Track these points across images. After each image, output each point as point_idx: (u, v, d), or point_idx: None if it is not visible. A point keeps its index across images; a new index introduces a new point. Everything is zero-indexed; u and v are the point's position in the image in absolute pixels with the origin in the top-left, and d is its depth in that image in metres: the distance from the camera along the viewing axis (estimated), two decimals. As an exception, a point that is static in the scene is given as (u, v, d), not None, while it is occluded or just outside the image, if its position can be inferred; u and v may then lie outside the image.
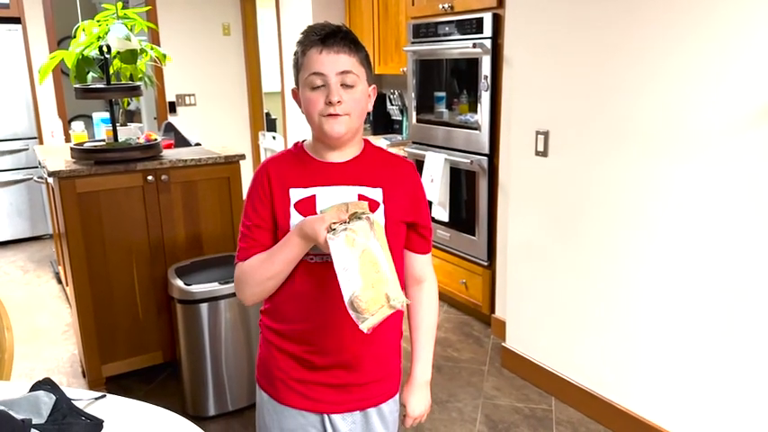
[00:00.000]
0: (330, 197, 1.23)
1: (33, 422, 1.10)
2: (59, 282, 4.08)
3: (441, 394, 2.66)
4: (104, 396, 1.30)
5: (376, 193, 1.26)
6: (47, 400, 1.17)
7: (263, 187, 1.26)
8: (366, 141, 1.32)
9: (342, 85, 1.18)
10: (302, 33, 1.22)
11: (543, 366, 2.67)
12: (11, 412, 1.08)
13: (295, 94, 1.26)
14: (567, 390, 2.55)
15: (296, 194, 1.24)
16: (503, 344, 2.89)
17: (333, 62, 1.17)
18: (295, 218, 1.23)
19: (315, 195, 1.23)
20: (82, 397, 1.27)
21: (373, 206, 1.24)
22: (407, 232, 1.33)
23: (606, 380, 2.40)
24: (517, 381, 2.76)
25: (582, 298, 2.44)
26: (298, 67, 1.23)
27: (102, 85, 2.62)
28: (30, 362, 3.03)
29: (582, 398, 2.49)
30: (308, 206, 1.23)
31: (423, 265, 1.39)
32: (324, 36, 1.18)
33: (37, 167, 4.64)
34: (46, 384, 1.23)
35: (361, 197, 1.24)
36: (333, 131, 1.20)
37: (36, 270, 4.45)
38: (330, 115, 1.19)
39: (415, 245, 1.36)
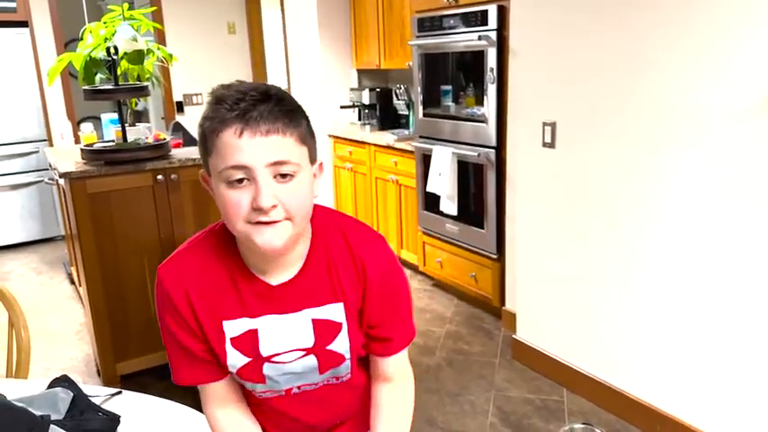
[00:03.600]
0: (274, 329, 0.98)
1: (52, 418, 1.12)
2: (72, 282, 4.12)
3: (452, 387, 2.67)
4: (120, 393, 1.32)
5: (335, 312, 0.99)
6: (64, 396, 1.19)
7: (186, 318, 0.97)
8: (313, 218, 0.97)
9: (276, 176, 0.86)
10: (210, 97, 0.88)
11: (554, 357, 2.67)
12: (30, 409, 1.10)
13: (205, 179, 0.94)
14: (579, 380, 2.56)
15: (231, 329, 0.97)
16: (513, 336, 2.90)
17: (260, 149, 0.84)
18: (233, 357, 0.99)
19: (257, 330, 0.97)
20: (98, 394, 1.29)
21: (334, 330, 1.00)
22: (372, 336, 1.06)
23: (617, 369, 2.40)
24: (528, 372, 2.77)
25: (591, 288, 2.44)
26: (205, 145, 0.89)
27: (111, 86, 2.64)
28: (45, 362, 3.06)
29: (593, 388, 2.50)
30: (248, 343, 0.98)
31: (389, 366, 1.10)
32: (244, 109, 0.84)
33: (47, 169, 4.68)
34: (63, 381, 1.26)
35: (315, 322, 0.98)
36: (267, 245, 0.88)
37: (49, 271, 4.49)
38: (260, 223, 0.87)
39: (377, 347, 1.07)
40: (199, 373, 1.04)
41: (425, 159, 3.55)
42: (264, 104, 0.85)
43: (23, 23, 4.94)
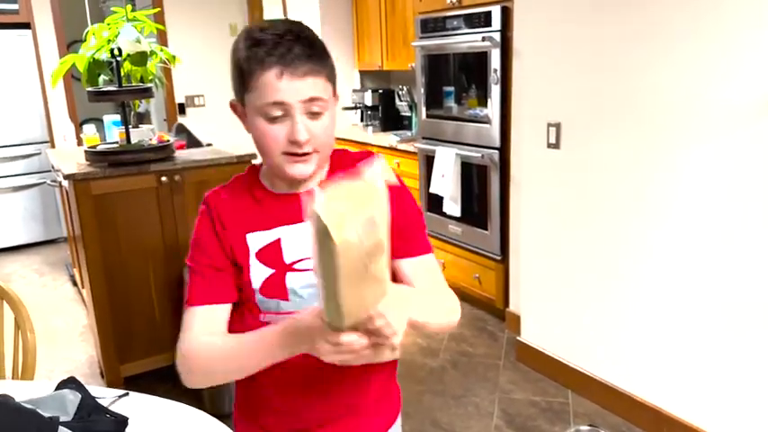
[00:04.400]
0: (297, 237, 1.01)
1: (60, 420, 1.11)
2: (75, 284, 4.12)
3: (457, 389, 2.67)
4: (127, 394, 1.32)
5: None
6: (72, 398, 1.19)
7: (214, 232, 1.02)
8: (334, 151, 1.08)
9: (307, 113, 0.95)
10: (245, 38, 0.95)
11: (559, 359, 2.66)
12: (38, 410, 1.10)
13: (235, 108, 1.03)
14: (584, 382, 2.55)
15: (255, 241, 1.02)
16: (517, 338, 2.89)
17: (297, 89, 0.92)
18: (257, 272, 1.01)
19: (279, 239, 1.02)
20: (105, 395, 1.29)
21: None
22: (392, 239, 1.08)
23: (623, 371, 2.39)
24: (533, 374, 2.76)
25: (596, 290, 2.44)
26: (243, 83, 0.96)
27: (115, 88, 2.64)
28: (48, 364, 3.06)
29: (598, 390, 2.49)
30: (271, 254, 1.02)
31: (426, 270, 1.08)
32: (283, 53, 0.91)
33: (50, 171, 4.67)
34: (71, 383, 1.25)
35: None
36: (300, 174, 0.99)
37: (51, 273, 4.49)
38: (295, 155, 0.96)
39: (406, 248, 1.06)
40: (214, 292, 1.03)
41: (428, 161, 3.54)
42: (300, 47, 0.92)
43: (26, 25, 4.94)
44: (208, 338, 1.01)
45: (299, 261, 1.02)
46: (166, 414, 1.28)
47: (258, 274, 1.02)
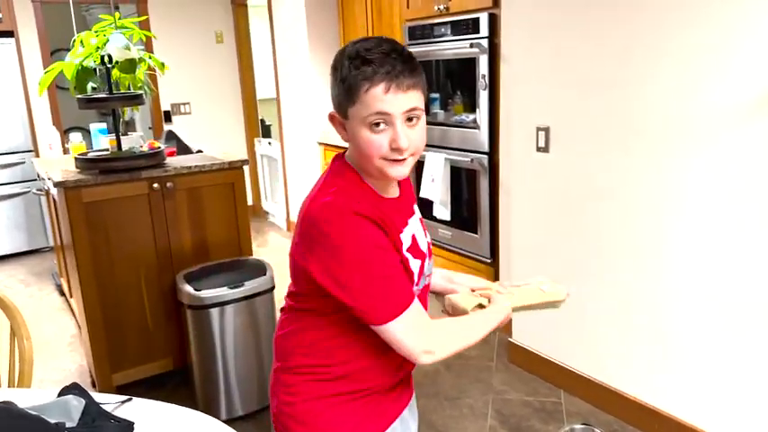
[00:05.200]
0: (417, 230, 1.21)
1: (66, 426, 1.11)
2: (62, 294, 4.08)
3: (451, 391, 2.68)
4: (130, 399, 1.32)
5: (418, 211, 1.28)
6: (76, 404, 1.19)
7: (383, 237, 1.10)
8: None
9: (406, 121, 1.06)
10: (354, 56, 1.05)
11: (551, 360, 2.69)
12: (44, 416, 1.10)
13: (334, 119, 1.13)
14: (576, 382, 2.58)
15: (405, 237, 1.16)
16: (509, 339, 2.92)
17: (401, 102, 1.04)
18: (413, 264, 1.16)
19: (414, 235, 1.19)
20: (109, 401, 1.29)
21: (423, 225, 1.27)
22: None
23: (614, 370, 2.43)
24: (525, 375, 2.79)
25: (587, 291, 2.47)
26: (350, 96, 1.05)
27: (105, 95, 2.63)
28: (38, 374, 3.02)
29: (590, 389, 2.52)
30: (415, 246, 1.18)
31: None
32: (389, 70, 1.03)
33: (35, 180, 4.63)
34: (74, 389, 1.25)
35: (421, 221, 1.26)
36: (400, 175, 1.10)
37: (37, 283, 4.44)
38: (395, 160, 1.07)
39: None
40: (409, 292, 1.12)
41: (418, 165, 3.57)
42: (402, 64, 1.04)
43: (9, 33, 4.90)
44: (446, 327, 1.18)
45: (427, 248, 1.23)
46: (171, 418, 1.28)
47: (414, 266, 1.17)
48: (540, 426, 2.41)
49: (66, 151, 4.34)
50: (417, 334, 1.10)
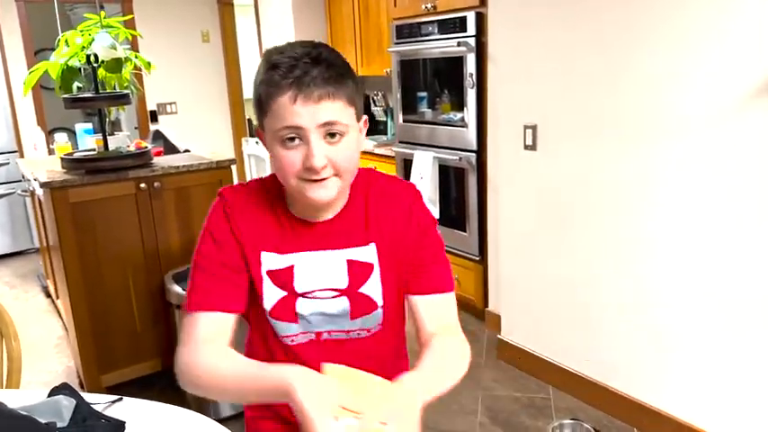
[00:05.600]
0: (310, 266, 1.03)
1: (57, 426, 1.10)
2: (48, 296, 4.04)
3: (440, 388, 2.69)
4: (121, 399, 1.31)
5: (368, 253, 1.04)
6: (67, 404, 1.18)
7: (230, 230, 1.02)
8: (360, 172, 1.05)
9: (326, 136, 0.94)
10: (264, 63, 0.95)
11: (540, 356, 2.71)
12: (34, 417, 1.09)
13: (260, 135, 1.02)
14: (564, 378, 2.60)
15: (269, 261, 1.03)
16: (498, 336, 2.93)
17: (312, 113, 0.91)
18: (269, 291, 1.03)
19: (293, 266, 1.03)
20: (99, 401, 1.28)
21: (367, 272, 1.04)
22: (410, 274, 1.08)
23: (602, 366, 2.45)
24: (514, 372, 2.81)
25: (575, 287, 2.49)
26: (261, 107, 0.96)
27: (92, 95, 2.61)
28: (25, 376, 2.96)
29: (579, 385, 2.54)
30: (284, 278, 1.03)
31: (438, 310, 1.07)
32: (298, 77, 0.90)
33: (20, 181, 4.58)
34: (64, 389, 1.24)
35: (350, 263, 1.04)
36: (318, 200, 0.97)
37: (23, 285, 4.39)
38: (312, 180, 0.95)
39: (422, 285, 1.07)
40: (225, 296, 1.02)
41: (406, 164, 3.58)
42: (316, 69, 0.91)
43: (-8, 33, 4.84)
44: (212, 360, 0.99)
45: (311, 292, 1.04)
46: (162, 418, 1.28)
47: (270, 293, 1.03)
48: (530, 421, 2.43)
49: (51, 152, 4.30)
50: (188, 341, 1.01)
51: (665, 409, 2.24)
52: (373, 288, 1.05)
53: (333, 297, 1.04)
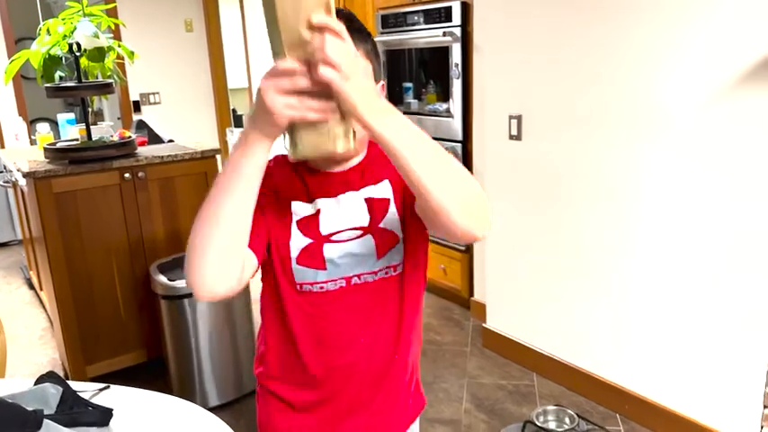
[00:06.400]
0: (333, 209, 1.05)
1: (44, 413, 1.10)
2: (31, 287, 4.00)
3: (426, 376, 2.72)
4: (108, 387, 1.31)
5: (383, 189, 1.07)
6: (54, 391, 1.18)
7: (262, 189, 0.94)
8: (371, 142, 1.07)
9: None
10: None
11: (524, 344, 2.75)
12: (21, 404, 1.09)
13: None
14: (548, 365, 2.64)
15: (298, 209, 1.05)
16: (483, 325, 2.96)
17: None
18: (296, 241, 1.04)
19: (319, 211, 1.05)
20: (86, 389, 1.28)
21: (384, 206, 1.06)
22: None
23: (584, 353, 2.49)
24: (499, 359, 2.84)
25: (558, 276, 2.52)
26: None
27: (74, 84, 2.58)
28: (9, 368, 2.96)
29: (562, 372, 2.58)
30: (310, 224, 1.05)
31: None
32: None
33: (1, 172, 4.52)
34: (50, 377, 1.24)
35: (368, 201, 1.06)
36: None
37: (5, 277, 4.35)
38: None
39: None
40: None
41: (392, 154, 3.58)
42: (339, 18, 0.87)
43: (-30, 21, 4.76)
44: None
45: (336, 233, 1.05)
46: (149, 405, 1.28)
47: (297, 243, 1.04)
48: (514, 408, 2.47)
49: (32, 142, 4.25)
50: None
51: (646, 395, 2.28)
52: (392, 222, 1.07)
53: (357, 237, 1.06)
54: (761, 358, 1.92)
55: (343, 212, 1.05)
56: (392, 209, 1.07)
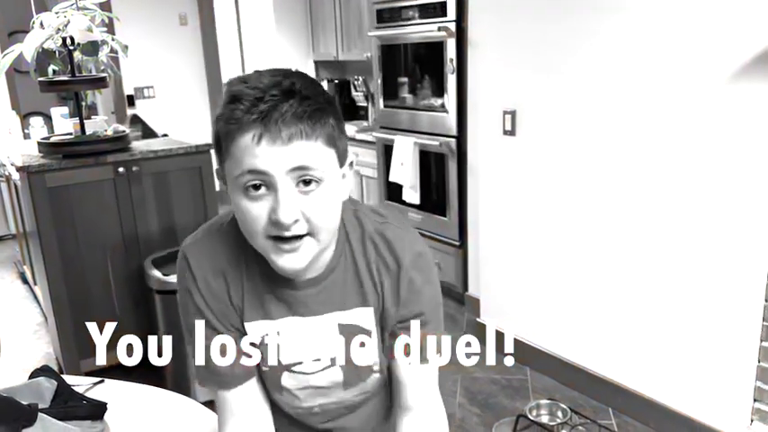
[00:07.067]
0: (295, 335, 0.90)
1: (39, 407, 1.11)
2: (25, 282, 3.99)
3: (420, 371, 2.73)
4: (102, 381, 1.32)
5: (365, 317, 0.91)
6: (48, 385, 1.19)
7: (212, 312, 0.90)
8: (344, 207, 0.87)
9: (298, 183, 0.77)
10: (225, 95, 0.78)
11: (517, 339, 2.76)
12: (15, 398, 1.10)
13: (221, 176, 0.84)
14: (541, 359, 2.65)
15: (252, 331, 0.91)
16: (477, 319, 2.98)
17: (280, 155, 0.74)
18: (250, 359, 0.92)
19: (278, 333, 0.91)
20: (81, 383, 1.29)
21: (361, 336, 0.92)
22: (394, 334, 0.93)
23: (577, 348, 2.51)
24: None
25: (551, 271, 2.54)
26: (220, 150, 0.80)
27: (68, 77, 2.58)
28: (4, 363, 2.97)
29: (555, 366, 2.60)
30: (266, 349, 0.92)
31: (406, 379, 0.94)
32: (264, 112, 0.73)
33: (-6, 166, 4.50)
34: (45, 371, 1.25)
35: (342, 329, 0.91)
36: (289, 268, 0.80)
37: (-1, 271, 4.34)
38: (282, 239, 0.78)
39: (395, 347, 0.92)
40: (246, 364, 0.92)
41: (387, 150, 3.59)
42: (287, 104, 0.74)
43: (-37, 14, 4.73)
44: None
45: (298, 364, 0.93)
46: (144, 399, 1.29)
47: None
48: (507, 402, 2.48)
49: (26, 137, 4.24)
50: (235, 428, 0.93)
51: (638, 389, 2.30)
52: (369, 356, 0.93)
53: (323, 369, 0.93)
54: (751, 353, 1.93)
55: (308, 339, 0.90)
56: (372, 343, 0.92)
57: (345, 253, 0.90)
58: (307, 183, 0.77)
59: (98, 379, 1.32)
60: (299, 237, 0.78)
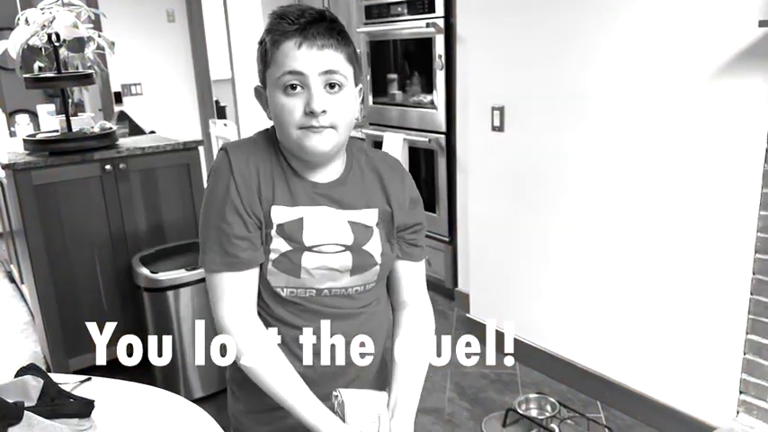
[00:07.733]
0: (317, 221, 1.05)
1: (25, 405, 1.10)
2: (12, 281, 3.96)
3: (410, 366, 2.74)
4: (89, 379, 1.32)
5: (369, 217, 1.10)
6: (35, 383, 1.18)
7: (240, 197, 1.02)
8: (349, 141, 1.09)
9: (326, 86, 0.98)
10: (271, 17, 1.00)
11: (506, 333, 2.76)
12: (1, 396, 1.09)
13: (259, 94, 1.07)
14: (530, 354, 2.67)
15: (279, 215, 1.04)
16: (467, 315, 2.99)
17: (315, 59, 0.96)
18: (277, 244, 1.04)
19: (302, 219, 1.05)
20: (68, 381, 1.28)
21: (368, 233, 1.09)
22: (399, 240, 1.16)
23: (565, 342, 2.52)
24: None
25: (540, 266, 2.55)
26: (265, 61, 1.01)
27: (54, 74, 2.55)
28: (-11, 362, 2.95)
29: (544, 360, 2.61)
30: (293, 231, 1.04)
31: (415, 277, 1.19)
32: (304, 25, 0.96)
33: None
34: (31, 369, 1.24)
35: (352, 225, 1.08)
36: (315, 149, 0.99)
37: (-15, 270, 4.30)
38: (311, 128, 0.98)
39: (406, 252, 1.16)
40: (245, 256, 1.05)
41: (376, 146, 3.58)
42: (321, 22, 0.97)
43: (-54, 10, 4.67)
44: (242, 327, 1.06)
45: (318, 246, 1.06)
46: (132, 396, 1.29)
47: (278, 245, 1.04)
48: (497, 396, 2.49)
49: (12, 134, 4.20)
50: (230, 307, 1.05)
51: (626, 383, 2.32)
52: (374, 247, 1.10)
53: (337, 252, 1.07)
54: (737, 346, 1.95)
55: (328, 227, 1.06)
56: (375, 236, 1.10)
57: (353, 166, 1.10)
58: (332, 86, 0.98)
59: (85, 377, 1.31)
60: (325, 127, 0.98)
